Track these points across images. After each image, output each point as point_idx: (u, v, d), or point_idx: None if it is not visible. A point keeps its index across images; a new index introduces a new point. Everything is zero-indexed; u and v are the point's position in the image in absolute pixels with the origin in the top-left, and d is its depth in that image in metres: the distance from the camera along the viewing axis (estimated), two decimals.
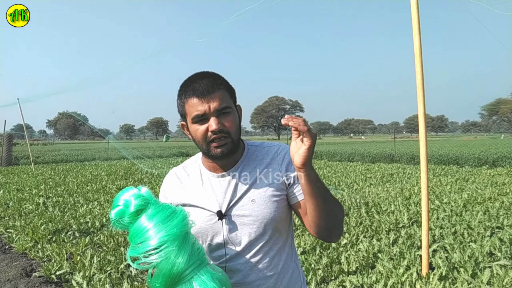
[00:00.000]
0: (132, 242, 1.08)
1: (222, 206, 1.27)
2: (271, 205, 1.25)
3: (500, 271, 3.75)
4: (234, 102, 1.29)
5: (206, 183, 1.32)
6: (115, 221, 1.11)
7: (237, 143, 1.26)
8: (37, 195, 9.24)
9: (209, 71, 1.28)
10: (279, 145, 1.36)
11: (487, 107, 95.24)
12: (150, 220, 1.06)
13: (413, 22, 3.74)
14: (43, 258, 4.70)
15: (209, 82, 1.20)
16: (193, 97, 1.20)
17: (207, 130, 1.20)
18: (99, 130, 62.75)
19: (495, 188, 9.03)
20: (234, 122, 1.23)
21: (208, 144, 1.21)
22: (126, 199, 1.11)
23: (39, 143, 59.08)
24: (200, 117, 1.19)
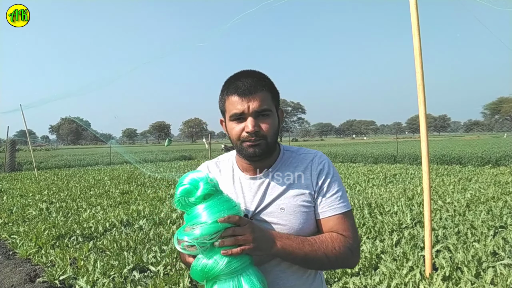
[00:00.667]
0: (187, 223, 1.09)
1: (249, 208, 1.25)
2: (300, 216, 1.22)
3: (504, 271, 3.74)
4: (277, 105, 1.26)
5: (236, 182, 1.31)
6: (179, 198, 1.11)
7: (271, 147, 1.23)
8: (40, 200, 9.26)
9: (256, 71, 1.26)
10: (315, 153, 1.32)
11: (490, 106, 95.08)
12: (211, 210, 1.07)
13: (412, 23, 3.75)
14: (47, 264, 4.71)
15: (252, 81, 1.19)
16: (234, 95, 1.18)
17: (243, 129, 1.18)
18: (102, 135, 62.91)
19: (498, 188, 9.00)
20: (271, 125, 1.20)
21: (241, 143, 1.20)
22: (194, 179, 1.12)
23: (42, 148, 59.32)
24: (238, 115, 1.18)
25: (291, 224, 1.21)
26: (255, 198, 1.25)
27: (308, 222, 1.23)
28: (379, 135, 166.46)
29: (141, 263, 4.51)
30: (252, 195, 1.26)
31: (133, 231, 5.98)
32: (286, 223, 1.21)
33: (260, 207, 1.24)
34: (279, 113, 1.28)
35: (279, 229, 1.21)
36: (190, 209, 1.11)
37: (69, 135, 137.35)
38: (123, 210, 7.69)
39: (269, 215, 1.23)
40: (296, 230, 1.21)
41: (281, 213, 1.22)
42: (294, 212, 1.22)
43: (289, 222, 1.21)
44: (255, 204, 1.25)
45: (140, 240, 5.43)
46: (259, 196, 1.25)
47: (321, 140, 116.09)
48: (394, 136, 31.91)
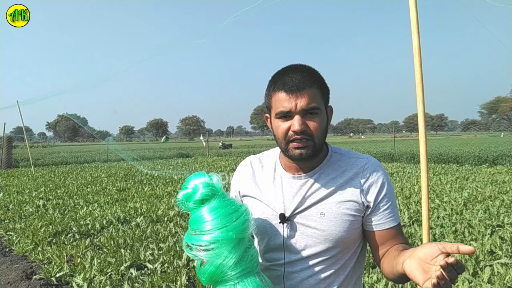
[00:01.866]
0: (190, 228, 1.11)
1: (286, 209, 1.20)
2: (342, 224, 1.16)
3: (501, 270, 3.74)
4: (326, 102, 1.18)
5: (277, 180, 1.25)
6: (180, 202, 1.14)
7: (319, 148, 1.15)
8: (37, 197, 9.23)
9: (305, 65, 1.18)
10: (367, 159, 1.24)
11: (487, 105, 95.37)
12: (211, 214, 1.07)
13: (411, 21, 3.73)
14: (43, 261, 4.70)
15: (301, 77, 1.11)
16: (281, 91, 1.11)
17: (289, 128, 1.12)
18: (99, 132, 62.72)
19: (495, 187, 9.03)
20: (320, 124, 1.13)
21: (287, 143, 1.13)
22: (196, 184, 1.12)
23: (39, 145, 59.14)
24: (284, 113, 1.11)
25: (330, 231, 1.16)
26: (294, 199, 1.20)
27: (350, 232, 1.17)
28: (377, 133, 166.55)
29: (138, 261, 4.50)
30: (292, 195, 1.21)
31: (130, 229, 5.96)
32: (325, 229, 1.16)
33: (299, 208, 1.19)
34: (328, 110, 1.20)
35: (316, 234, 1.17)
36: (192, 212, 1.13)
37: (66, 132, 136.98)
38: (120, 207, 7.67)
39: (307, 218, 1.18)
40: (335, 237, 1.16)
41: (320, 218, 1.16)
42: (335, 219, 1.16)
43: (328, 228, 1.16)
44: (294, 205, 1.19)
45: (137, 237, 5.42)
46: (299, 197, 1.19)
47: None
48: (392, 135, 31.98)
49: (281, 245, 1.21)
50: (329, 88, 1.20)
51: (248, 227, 1.10)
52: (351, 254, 1.22)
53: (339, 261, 1.20)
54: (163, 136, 51.18)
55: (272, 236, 1.22)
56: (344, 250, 1.20)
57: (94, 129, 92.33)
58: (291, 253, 1.20)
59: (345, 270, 1.22)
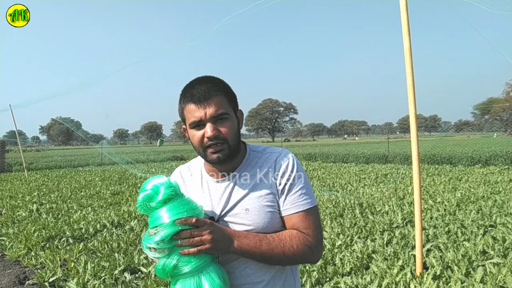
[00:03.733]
0: (151, 227, 1.14)
1: (216, 211, 1.28)
2: (265, 215, 1.24)
3: (493, 269, 3.77)
4: (234, 107, 1.28)
5: (204, 186, 1.34)
6: (141, 203, 1.16)
7: (234, 149, 1.25)
8: (30, 202, 9.17)
9: (210, 76, 1.28)
10: (279, 152, 1.34)
11: (480, 106, 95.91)
12: (171, 211, 1.12)
13: (402, 24, 3.77)
14: (37, 266, 4.67)
15: (207, 88, 1.20)
16: (190, 103, 1.21)
17: (204, 136, 1.21)
18: (93, 135, 62.42)
19: (488, 187, 9.09)
20: (231, 128, 1.23)
21: (204, 149, 1.22)
22: (156, 185, 1.16)
23: (32, 149, 58.75)
24: (196, 123, 1.21)
25: (256, 224, 1.24)
26: (221, 201, 1.28)
27: (273, 221, 1.25)
28: (371, 135, 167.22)
29: (132, 264, 4.48)
30: (219, 198, 1.29)
31: (124, 232, 5.95)
32: (251, 223, 1.24)
33: (226, 209, 1.27)
34: (238, 114, 1.30)
35: (244, 229, 1.24)
36: (152, 212, 1.16)
37: (60, 136, 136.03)
38: (114, 211, 7.64)
39: (235, 217, 1.26)
40: (261, 229, 1.24)
41: (245, 214, 1.25)
42: (258, 212, 1.24)
43: (254, 222, 1.24)
44: (221, 207, 1.28)
45: (132, 241, 5.40)
46: (224, 198, 1.28)
47: (313, 140, 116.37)
48: (385, 136, 32.12)
49: None
50: (235, 94, 1.31)
51: None
52: None
53: None
54: (158, 139, 50.88)
55: None
56: None
57: (88, 133, 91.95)
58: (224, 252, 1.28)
59: None
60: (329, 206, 7.26)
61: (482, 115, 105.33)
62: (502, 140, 33.52)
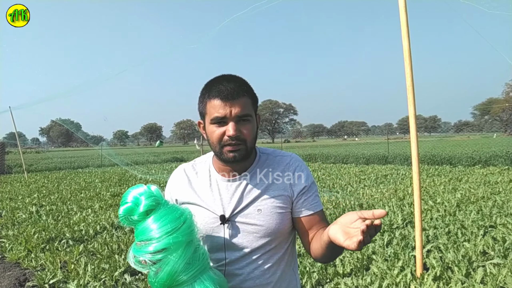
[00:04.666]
0: (137, 240, 1.11)
1: (226, 210, 1.28)
2: (277, 216, 1.27)
3: (494, 270, 3.77)
4: (255, 110, 1.29)
5: (214, 185, 1.34)
6: (123, 217, 1.12)
7: (250, 151, 1.26)
8: (30, 203, 9.17)
9: (236, 75, 1.28)
10: (290, 156, 1.37)
11: (479, 107, 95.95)
12: (158, 222, 1.08)
13: (401, 25, 3.77)
14: (37, 267, 4.67)
15: (235, 86, 1.21)
16: (217, 98, 1.20)
17: (224, 133, 1.20)
18: (92, 137, 62.40)
19: (488, 187, 9.09)
20: (251, 130, 1.24)
21: (222, 147, 1.22)
22: (136, 197, 1.12)
23: (32, 151, 58.73)
24: (220, 119, 1.20)
25: (268, 225, 1.26)
26: (232, 200, 1.29)
27: (284, 222, 1.29)
28: (370, 136, 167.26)
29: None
30: (229, 197, 1.29)
31: (124, 234, 5.94)
32: (263, 223, 1.26)
33: (238, 209, 1.28)
34: (257, 118, 1.31)
35: (256, 229, 1.26)
36: (137, 225, 1.12)
37: (60, 137, 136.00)
38: (114, 212, 7.64)
39: (247, 217, 1.27)
40: (273, 230, 1.27)
41: (258, 215, 1.26)
42: (270, 213, 1.27)
43: (266, 223, 1.26)
44: (232, 206, 1.28)
45: (132, 243, 5.39)
46: (236, 198, 1.29)
47: (313, 141, 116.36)
48: (385, 137, 32.09)
49: (222, 245, 1.29)
50: (258, 98, 1.32)
51: (194, 229, 1.15)
52: (287, 243, 1.35)
53: (279, 251, 1.32)
54: (157, 140, 50.66)
55: (214, 238, 1.30)
56: (281, 240, 1.32)
57: (88, 134, 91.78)
58: (233, 251, 1.28)
59: (284, 258, 1.34)
60: (329, 207, 7.26)
61: (482, 116, 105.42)
62: (502, 140, 33.54)
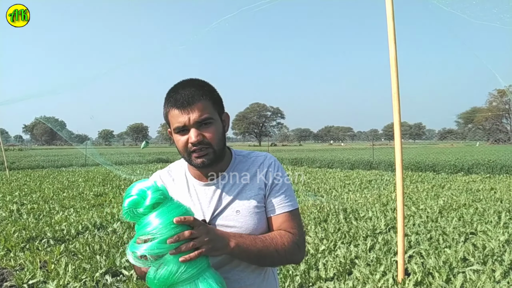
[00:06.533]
0: (139, 235, 1.07)
1: (206, 215, 1.27)
2: (255, 216, 1.27)
3: (473, 276, 3.83)
4: (220, 111, 1.28)
5: (191, 190, 1.33)
6: (127, 210, 1.09)
7: (219, 153, 1.25)
8: (11, 201, 9.01)
9: (194, 79, 1.27)
10: (265, 155, 1.38)
11: (463, 115, 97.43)
12: (161, 218, 1.05)
13: (388, 33, 3.82)
14: (15, 267, 4.58)
15: (190, 92, 1.19)
16: (174, 108, 1.20)
17: (188, 141, 1.20)
18: (77, 136, 61.56)
19: (470, 195, 9.23)
20: (215, 133, 1.22)
21: (189, 154, 1.22)
22: (142, 190, 1.09)
23: (15, 148, 57.74)
24: (180, 128, 1.20)
25: (247, 225, 1.26)
26: (211, 204, 1.29)
27: (262, 222, 1.29)
28: (356, 141, 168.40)
29: (114, 267, 4.43)
30: (208, 201, 1.29)
31: (107, 234, 5.88)
32: (242, 225, 1.26)
33: (216, 212, 1.27)
34: (224, 117, 1.31)
35: (235, 231, 1.25)
36: (140, 219, 1.09)
37: (44, 135, 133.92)
38: (97, 212, 7.55)
39: (225, 219, 1.26)
40: (251, 230, 1.26)
41: (236, 216, 1.26)
42: (249, 213, 1.27)
43: (244, 224, 1.26)
44: (211, 210, 1.28)
45: (114, 243, 5.34)
46: (214, 201, 1.28)
47: (300, 145, 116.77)
48: (371, 143, 32.35)
49: None
50: (221, 97, 1.30)
51: None
52: None
53: None
54: (143, 140, 49.90)
55: None
56: None
57: (72, 133, 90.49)
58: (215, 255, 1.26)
59: None
60: (313, 211, 7.29)
61: (466, 124, 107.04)
62: (484, 149, 34.07)
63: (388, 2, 3.79)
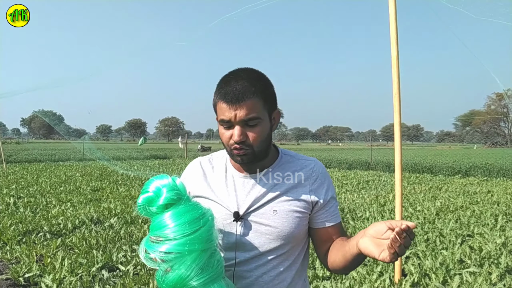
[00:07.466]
0: (151, 234, 1.03)
1: (240, 207, 1.23)
2: (293, 220, 1.21)
3: (470, 278, 3.84)
4: (270, 109, 1.21)
5: (229, 180, 1.28)
6: (141, 207, 1.06)
7: (260, 154, 1.20)
8: (7, 195, 8.97)
9: (250, 70, 1.21)
10: (315, 161, 1.32)
11: (461, 118, 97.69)
12: (174, 220, 1.01)
13: (391, 32, 3.81)
14: (12, 260, 4.57)
15: (242, 87, 1.13)
16: (222, 101, 1.15)
17: (231, 136, 1.16)
18: (75, 130, 61.42)
19: (467, 197, 9.25)
20: (259, 134, 1.16)
21: (230, 150, 1.19)
22: (158, 187, 1.06)
23: (12, 141, 57.60)
24: (225, 122, 1.15)
25: (282, 227, 1.21)
26: (247, 198, 1.24)
27: (299, 228, 1.23)
28: (354, 142, 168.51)
29: (111, 262, 4.42)
30: (245, 194, 1.24)
31: (104, 229, 5.86)
32: (278, 225, 1.21)
33: (253, 207, 1.22)
34: (275, 115, 1.25)
35: (269, 231, 1.21)
36: (154, 217, 1.06)
37: (41, 129, 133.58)
38: (94, 207, 7.54)
39: (261, 216, 1.22)
40: (286, 234, 1.21)
41: (273, 215, 1.21)
42: (286, 216, 1.21)
43: (280, 225, 1.20)
44: (248, 204, 1.23)
45: (111, 238, 5.33)
46: (252, 196, 1.23)
47: (298, 144, 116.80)
48: (369, 144, 32.39)
49: (234, 244, 1.23)
50: (275, 93, 1.24)
51: (213, 235, 1.06)
52: (299, 250, 1.29)
53: (290, 257, 1.26)
54: (141, 136, 49.51)
55: (225, 235, 1.24)
56: (294, 246, 1.26)
57: (70, 127, 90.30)
58: (244, 251, 1.22)
59: (295, 265, 1.28)
60: None
61: (464, 127, 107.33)
62: (482, 152, 34.15)
63: (391, 2, 3.78)
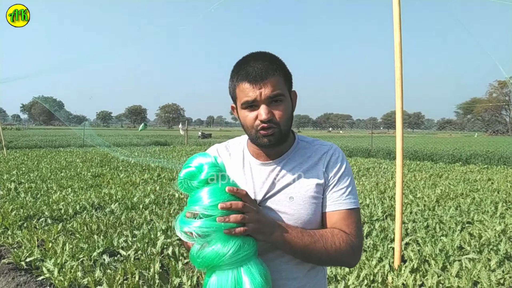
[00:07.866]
0: (187, 209, 1.04)
1: (257, 195, 1.21)
2: (309, 206, 1.18)
3: (469, 264, 3.85)
4: (290, 88, 1.20)
5: (246, 167, 1.27)
6: (182, 181, 1.07)
7: (285, 134, 1.18)
8: (8, 180, 9.00)
9: (266, 52, 1.20)
10: (330, 145, 1.28)
11: (463, 105, 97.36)
12: (213, 196, 1.01)
13: (394, 17, 3.76)
14: (13, 245, 4.59)
15: (263, 66, 1.12)
16: (245, 82, 1.12)
17: (256, 117, 1.13)
18: (75, 116, 61.34)
19: (467, 185, 9.27)
20: (285, 111, 1.15)
21: (256, 131, 1.15)
22: (201, 163, 1.07)
23: (13, 128, 57.63)
24: (250, 103, 1.12)
25: (299, 215, 1.17)
26: (264, 185, 1.21)
27: (316, 214, 1.20)
28: (355, 129, 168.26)
29: (112, 247, 4.44)
30: (262, 181, 1.22)
31: (104, 215, 5.88)
32: (294, 212, 1.17)
33: (269, 194, 1.20)
34: (292, 95, 1.23)
35: (286, 218, 1.17)
36: (192, 192, 1.06)
37: (42, 115, 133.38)
38: (94, 193, 7.55)
39: (277, 203, 1.19)
40: (304, 221, 1.17)
41: (289, 202, 1.18)
42: (303, 202, 1.18)
43: (297, 212, 1.17)
44: (264, 191, 1.21)
45: (111, 224, 5.35)
46: (268, 182, 1.21)
47: (298, 131, 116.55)
48: (369, 131, 32.37)
49: None
50: (291, 73, 1.23)
51: None
52: None
53: None
54: (142, 123, 49.60)
55: None
56: None
57: (70, 113, 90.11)
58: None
59: None
60: None
61: (465, 115, 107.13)
62: (483, 140, 34.16)
63: None
